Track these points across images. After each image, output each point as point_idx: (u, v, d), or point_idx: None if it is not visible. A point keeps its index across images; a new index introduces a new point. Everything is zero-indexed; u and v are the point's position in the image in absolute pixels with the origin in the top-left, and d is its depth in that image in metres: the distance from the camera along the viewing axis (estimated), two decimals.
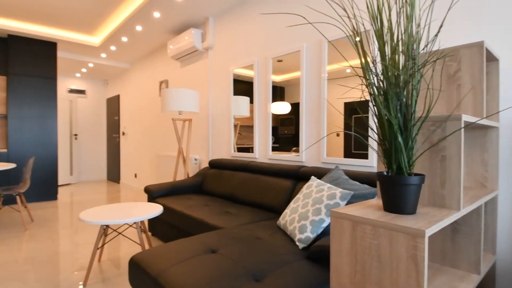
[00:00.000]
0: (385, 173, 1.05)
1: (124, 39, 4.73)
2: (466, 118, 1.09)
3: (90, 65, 6.11)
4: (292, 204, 1.89)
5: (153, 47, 5.15)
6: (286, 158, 2.83)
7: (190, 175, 4.10)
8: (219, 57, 3.77)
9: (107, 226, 2.30)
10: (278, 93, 2.93)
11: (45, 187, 4.80)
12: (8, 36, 4.51)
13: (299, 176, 2.44)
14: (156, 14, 3.80)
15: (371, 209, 1.08)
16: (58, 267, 2.34)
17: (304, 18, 2.20)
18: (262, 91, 3.14)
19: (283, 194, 2.41)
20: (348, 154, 2.34)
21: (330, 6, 2.40)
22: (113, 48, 5.20)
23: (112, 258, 2.50)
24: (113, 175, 7.23)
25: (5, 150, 4.42)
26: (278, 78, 2.93)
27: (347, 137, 2.35)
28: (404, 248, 0.89)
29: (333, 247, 1.07)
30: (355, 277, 1.01)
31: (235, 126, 3.48)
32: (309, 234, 1.62)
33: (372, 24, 1.02)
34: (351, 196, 1.69)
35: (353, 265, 1.02)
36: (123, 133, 6.70)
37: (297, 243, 1.64)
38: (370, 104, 1.06)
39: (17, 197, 3.27)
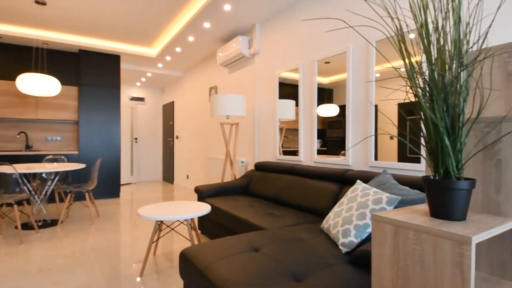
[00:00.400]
0: (431, 177, 1.01)
1: (178, 49, 5.07)
2: None
3: (149, 74, 6.65)
4: (336, 208, 1.88)
5: (203, 55, 5.44)
6: (332, 161, 2.80)
7: (237, 177, 4.23)
8: (265, 62, 3.86)
9: (162, 222, 2.49)
10: (326, 95, 2.90)
11: (110, 185, 5.33)
12: (79, 51, 5.13)
13: (345, 180, 2.40)
14: (206, 25, 4.03)
15: (416, 214, 1.05)
16: (119, 258, 2.60)
17: (345, 22, 2.18)
18: (307, 93, 3.15)
19: (328, 197, 2.39)
20: (402, 158, 2.23)
21: (371, 8, 2.33)
22: (168, 58, 5.60)
23: (165, 253, 2.70)
24: (168, 176, 7.73)
25: (76, 152, 5.01)
26: (326, 80, 2.90)
27: (401, 141, 2.25)
28: (449, 255, 0.85)
29: (375, 251, 1.06)
30: (397, 283, 0.99)
31: (281, 129, 3.53)
32: (353, 238, 1.59)
33: (415, 23, 0.99)
34: (399, 202, 1.62)
35: (395, 271, 1.00)
36: (177, 137, 7.15)
37: (340, 247, 1.62)
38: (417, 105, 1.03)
39: (86, 194, 3.69)
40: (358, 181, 1.92)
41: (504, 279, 1.29)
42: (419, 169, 2.11)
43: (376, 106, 2.41)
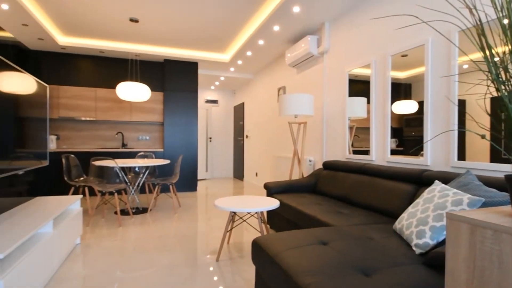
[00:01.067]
0: None
1: (249, 53, 5.34)
2: None
3: (222, 78, 7.12)
4: (410, 209, 1.81)
5: (272, 57, 5.62)
6: (407, 161, 2.66)
7: (305, 175, 4.28)
8: (334, 59, 3.83)
9: (235, 213, 2.71)
10: (403, 90, 2.75)
11: (188, 180, 5.89)
12: (164, 60, 5.79)
13: (422, 181, 2.27)
14: (276, 28, 4.17)
15: (497, 214, 0.99)
16: (197, 243, 2.90)
17: (418, 17, 2.09)
18: (379, 90, 3.04)
19: (402, 198, 2.29)
20: (496, 159, 2.01)
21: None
22: (239, 62, 5.93)
23: (237, 242, 2.92)
24: (238, 173, 8.16)
25: (162, 150, 5.68)
26: (403, 75, 2.74)
27: (496, 139, 2.03)
28: None
29: (449, 251, 1.03)
30: (472, 284, 0.95)
31: (351, 128, 3.46)
32: (428, 240, 1.53)
33: (496, 12, 0.94)
34: (482, 204, 1.50)
35: (470, 271, 0.96)
36: (247, 136, 7.50)
37: (414, 248, 1.57)
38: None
39: (170, 187, 4.18)
40: (436, 181, 1.82)
41: None
42: (509, 170, 1.88)
43: (463, 102, 2.21)
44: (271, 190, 3.33)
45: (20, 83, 2.21)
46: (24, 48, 4.82)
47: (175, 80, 5.85)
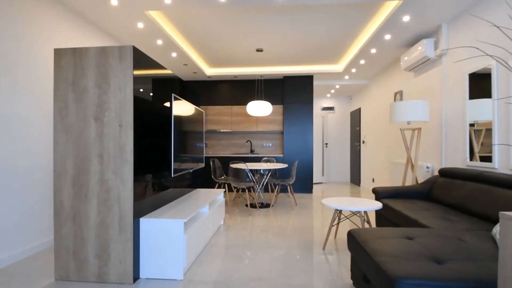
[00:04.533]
0: None
1: (362, 61, 5.53)
2: None
3: (337, 86, 7.44)
4: None
5: (386, 63, 5.61)
6: None
7: (420, 182, 4.18)
8: (453, 61, 3.68)
9: (339, 211, 3.09)
10: None
11: (304, 182, 6.49)
12: (283, 77, 6.60)
13: None
14: (387, 37, 4.29)
15: None
16: (309, 234, 3.42)
17: None
18: (502, 88, 2.84)
19: None
20: None
21: None
22: (353, 70, 6.16)
23: (342, 238, 3.30)
24: (355, 178, 8.22)
25: (281, 155, 6.49)
26: None
27: None
28: None
29: (501, 243, 1.22)
30: None
31: (479, 131, 3.21)
32: None
33: None
34: None
35: None
36: (363, 142, 7.53)
37: None
38: None
39: (288, 187, 4.85)
40: None
41: None
42: None
43: None
44: (379, 194, 3.53)
45: (186, 109, 3.31)
46: (183, 80, 6.55)
47: (292, 93, 6.59)
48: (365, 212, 3.06)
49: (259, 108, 5.19)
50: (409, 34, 4.18)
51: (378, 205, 2.84)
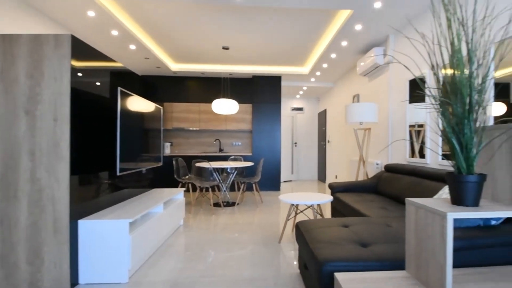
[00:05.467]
0: (452, 172, 1.34)
1: (325, 65, 5.83)
2: None
3: (304, 88, 7.74)
4: None
5: (346, 67, 5.96)
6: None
7: (370, 177, 4.52)
8: (397, 69, 4.03)
9: (295, 205, 3.32)
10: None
11: (272, 180, 6.71)
12: (252, 77, 6.79)
13: None
14: (344, 43, 4.59)
15: (441, 201, 1.38)
16: (269, 229, 3.62)
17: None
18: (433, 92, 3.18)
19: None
20: None
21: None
22: (318, 73, 6.46)
23: None
24: (321, 175, 8.59)
25: (250, 154, 6.66)
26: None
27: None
28: (438, 226, 1.21)
29: (406, 226, 1.46)
30: (416, 248, 1.37)
31: (419, 132, 3.57)
32: None
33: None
34: None
35: (415, 239, 1.38)
36: (328, 141, 7.89)
37: None
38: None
39: (254, 185, 5.04)
40: None
41: None
42: None
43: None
44: (334, 189, 3.80)
45: (138, 104, 3.36)
46: (141, 74, 6.55)
47: (261, 93, 6.78)
48: (318, 205, 3.31)
49: (225, 106, 5.31)
50: (363, 42, 4.51)
51: (329, 198, 3.09)
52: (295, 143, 8.99)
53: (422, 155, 3.44)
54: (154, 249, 2.96)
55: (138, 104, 3.20)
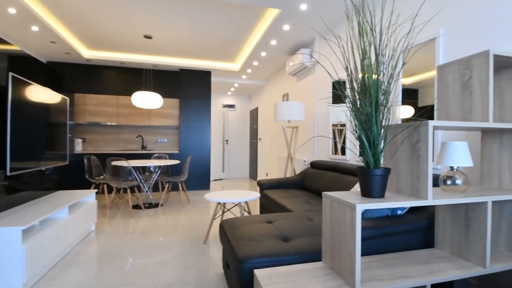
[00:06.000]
0: (361, 167, 1.40)
1: (255, 63, 5.88)
2: (435, 123, 1.28)
3: (236, 85, 7.72)
4: None
5: (276, 66, 6.11)
6: None
7: (297, 174, 4.72)
8: (322, 71, 4.26)
9: (222, 204, 3.22)
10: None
11: (201, 179, 6.52)
12: (180, 70, 6.48)
13: None
14: (273, 42, 4.67)
15: (353, 194, 1.44)
16: (197, 231, 3.47)
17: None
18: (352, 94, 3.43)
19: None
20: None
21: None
22: (249, 71, 6.49)
23: None
24: (253, 173, 8.70)
25: (177, 151, 6.36)
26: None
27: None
28: (349, 217, 1.25)
29: (323, 218, 1.49)
30: (331, 239, 1.41)
31: (341, 131, 3.80)
32: None
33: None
34: None
35: (330, 229, 1.42)
36: (260, 139, 8.02)
37: None
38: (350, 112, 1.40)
39: (179, 184, 4.80)
40: None
41: (460, 258, 1.51)
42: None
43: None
44: (263, 186, 3.83)
45: (38, 95, 2.90)
46: (52, 62, 5.74)
47: (190, 87, 6.52)
48: (245, 202, 3.28)
49: (146, 100, 4.94)
50: (291, 42, 4.65)
51: (256, 195, 3.08)
52: (227, 140, 8.93)
53: (343, 152, 3.68)
54: (58, 258, 2.57)
55: (37, 93, 2.73)
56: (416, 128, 1.34)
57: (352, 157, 3.42)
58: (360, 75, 1.36)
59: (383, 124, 1.32)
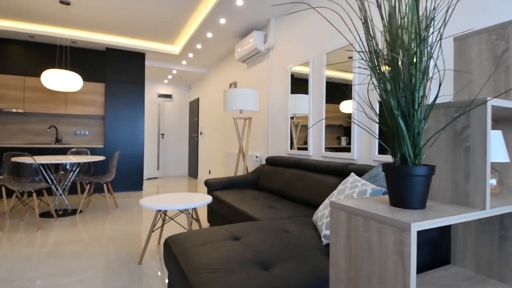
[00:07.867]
0: (390, 163, 0.96)
1: (199, 46, 5.19)
2: (495, 102, 0.91)
3: (174, 72, 6.88)
4: (326, 200, 1.83)
5: (223, 52, 5.52)
6: (339, 156, 2.72)
7: (250, 171, 4.25)
8: (278, 56, 3.84)
9: (163, 212, 2.57)
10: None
11: (132, 179, 5.60)
12: (106, 49, 5.43)
13: (346, 173, 2.33)
14: (222, 21, 4.08)
15: (377, 202, 1.00)
16: (125, 246, 2.73)
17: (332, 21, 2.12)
18: (316, 88, 3.08)
19: (328, 191, 2.33)
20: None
21: None
22: (190, 55, 5.76)
23: None
24: (193, 171, 7.96)
25: (102, 146, 5.32)
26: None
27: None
28: (392, 242, 0.80)
29: (332, 239, 1.02)
30: (350, 273, 0.95)
31: (296, 125, 3.44)
32: None
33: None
34: (383, 193, 1.55)
35: (348, 259, 0.96)
36: (201, 133, 7.33)
37: (322, 239, 1.58)
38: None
39: (104, 185, 3.92)
40: (352, 173, 1.86)
41: (490, 278, 1.19)
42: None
43: None
44: (211, 186, 3.25)
45: None
46: None
47: (119, 70, 5.52)
48: (193, 209, 2.68)
49: (60, 80, 3.91)
50: (243, 23, 4.12)
51: (208, 199, 2.51)
52: (162, 134, 8.02)
53: (300, 148, 3.31)
54: None
55: None
56: (464, 110, 0.95)
57: (316, 151, 3.07)
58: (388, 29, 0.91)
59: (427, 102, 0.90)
